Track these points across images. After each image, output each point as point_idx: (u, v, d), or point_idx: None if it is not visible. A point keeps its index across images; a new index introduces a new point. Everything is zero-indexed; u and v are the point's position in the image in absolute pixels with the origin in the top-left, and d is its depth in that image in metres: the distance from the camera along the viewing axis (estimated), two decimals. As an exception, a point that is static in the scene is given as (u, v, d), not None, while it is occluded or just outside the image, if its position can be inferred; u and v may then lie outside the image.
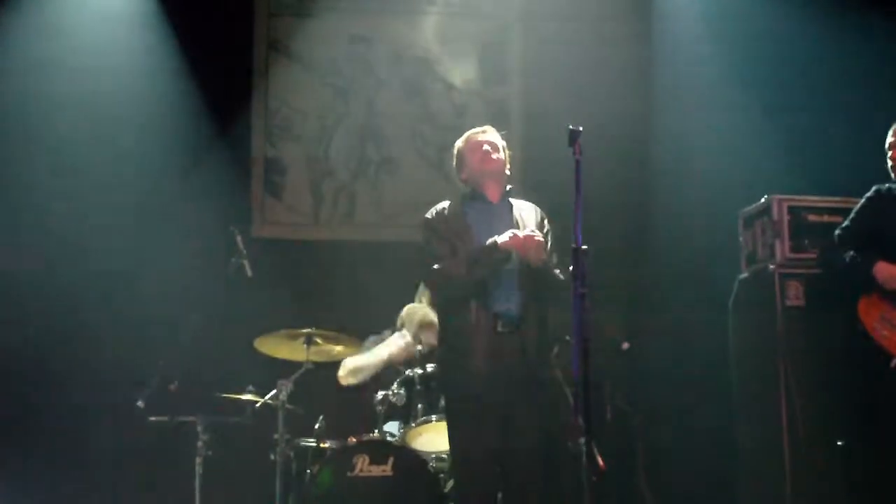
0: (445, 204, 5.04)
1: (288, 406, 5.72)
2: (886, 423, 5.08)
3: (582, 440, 4.10)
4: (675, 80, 7.31)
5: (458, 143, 5.11)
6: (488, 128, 5.10)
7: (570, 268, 4.15)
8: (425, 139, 7.72)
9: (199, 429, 5.86)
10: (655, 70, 7.50)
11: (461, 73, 7.83)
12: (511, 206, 5.00)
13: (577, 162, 4.25)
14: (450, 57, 7.82)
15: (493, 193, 4.98)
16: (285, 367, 5.87)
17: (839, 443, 5.37)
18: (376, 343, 6.42)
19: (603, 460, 4.88)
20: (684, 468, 6.60)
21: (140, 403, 5.77)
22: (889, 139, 5.16)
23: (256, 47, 7.62)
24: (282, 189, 7.57)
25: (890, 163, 5.14)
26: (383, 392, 5.91)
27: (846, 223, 5.25)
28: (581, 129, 4.25)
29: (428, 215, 5.02)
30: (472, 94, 7.81)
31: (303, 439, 5.82)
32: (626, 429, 6.56)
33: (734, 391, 5.98)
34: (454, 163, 5.13)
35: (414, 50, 7.79)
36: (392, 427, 5.95)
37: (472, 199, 5.00)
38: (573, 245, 4.15)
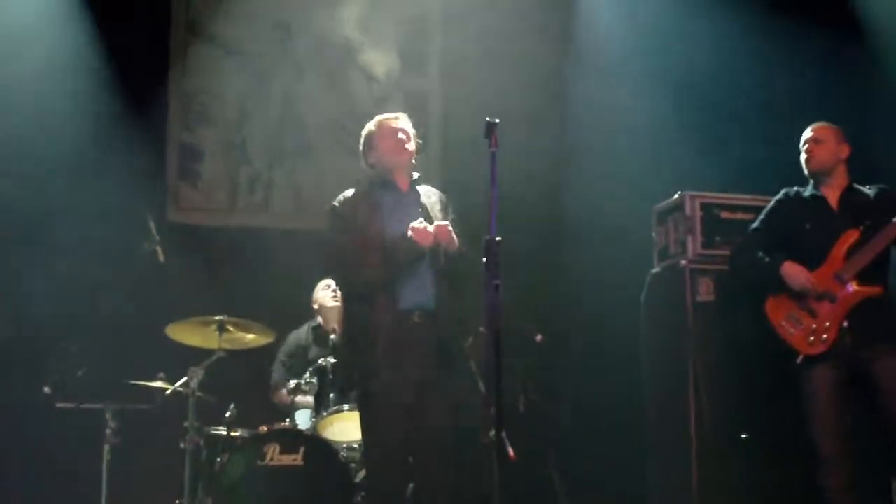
0: (351, 192, 4.99)
1: (199, 394, 5.66)
2: (790, 418, 5.17)
3: (492, 431, 4.11)
4: (593, 75, 7.36)
5: (370, 127, 5.05)
6: (401, 115, 5.07)
7: (484, 259, 4.16)
8: (344, 128, 7.67)
9: (108, 416, 5.78)
10: (573, 65, 7.55)
11: (382, 63, 7.80)
12: (419, 194, 4.99)
13: (493, 154, 4.26)
14: (371, 47, 7.79)
15: (402, 181, 4.98)
16: (197, 355, 5.80)
17: (743, 436, 5.46)
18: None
19: (513, 450, 4.93)
20: (595, 458, 6.67)
21: (46, 390, 5.68)
22: (803, 138, 5.24)
23: (174, 28, 7.50)
24: (197, 175, 7.46)
25: (804, 163, 5.22)
26: (295, 381, 5.88)
27: (755, 224, 5.33)
28: (497, 121, 4.27)
29: (335, 203, 4.96)
30: (392, 84, 7.79)
31: (213, 428, 5.76)
32: (537, 419, 6.60)
33: (645, 383, 6.04)
34: (362, 145, 5.06)
35: (335, 38, 7.74)
36: (304, 416, 5.93)
37: (382, 186, 4.97)
38: (487, 236, 4.16)
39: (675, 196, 5.92)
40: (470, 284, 4.67)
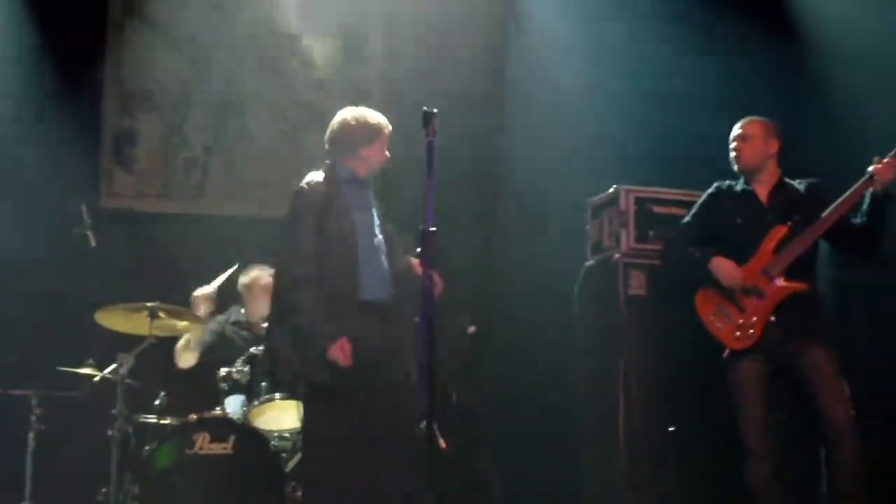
0: (319, 177, 4.96)
1: (128, 381, 5.59)
2: (718, 411, 5.23)
3: (424, 422, 4.12)
4: (532, 68, 7.37)
5: (378, 124, 5.01)
6: None
7: (418, 249, 4.16)
8: (284, 116, 7.62)
9: (33, 402, 5.70)
10: (512, 57, 7.56)
11: (322, 50, 7.74)
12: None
13: (430, 144, 4.26)
14: (312, 33, 7.73)
15: (366, 184, 5.04)
16: (127, 341, 5.73)
17: (671, 428, 5.51)
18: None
19: (445, 442, 4.93)
20: (527, 451, 6.69)
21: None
22: (732, 135, 5.28)
23: (111, 8, 7.37)
24: (132, 159, 7.35)
25: (733, 155, 5.27)
26: (227, 369, 5.84)
27: (687, 218, 5.37)
28: (435, 111, 4.27)
29: (304, 185, 4.93)
30: (332, 72, 7.73)
31: (142, 415, 5.70)
32: (471, 411, 6.61)
33: (576, 376, 6.08)
34: (358, 134, 4.97)
35: (276, 25, 7.66)
36: (235, 404, 5.89)
37: (350, 183, 4.96)
38: (422, 227, 4.15)
39: (611, 190, 5.95)
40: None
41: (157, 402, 5.73)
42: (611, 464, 5.58)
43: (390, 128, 5.06)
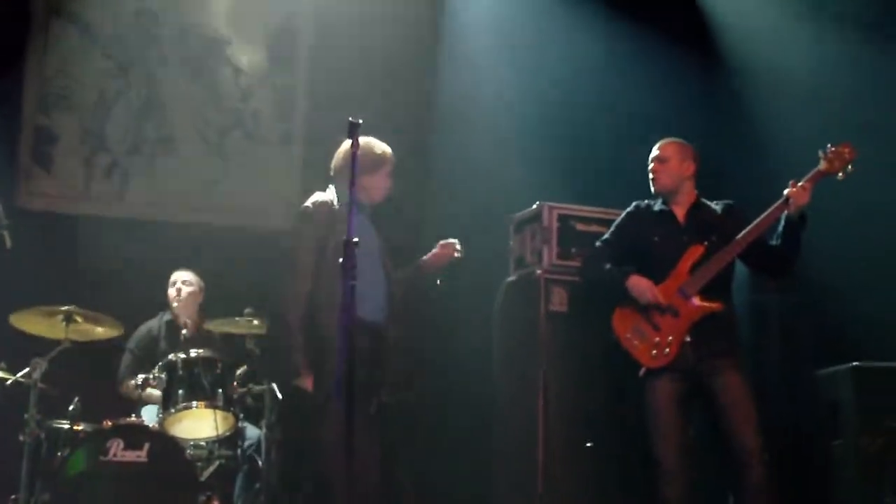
0: (326, 198, 5.08)
1: (41, 385, 5.50)
2: (634, 429, 5.29)
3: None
4: (459, 82, 7.41)
5: (381, 155, 5.17)
6: None
7: (341, 260, 4.16)
8: (207, 121, 7.57)
9: (-59, 405, 5.58)
10: (441, 70, 7.59)
11: (249, 56, 7.70)
12: None
13: (355, 154, 4.27)
14: (239, 40, 7.69)
15: (365, 208, 5.17)
16: (42, 345, 5.64)
17: (588, 444, 5.56)
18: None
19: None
20: (445, 462, 6.70)
21: None
22: (650, 157, 5.35)
23: (35, 8, 7.27)
24: (51, 160, 7.25)
25: (651, 177, 5.33)
26: (143, 375, 5.77)
27: (605, 236, 5.43)
28: (361, 121, 4.28)
29: (309, 205, 5.03)
30: (259, 79, 7.70)
31: (56, 421, 5.61)
32: (388, 421, 6.59)
33: (496, 390, 6.10)
34: (369, 160, 5.05)
35: (202, 29, 7.63)
36: (151, 412, 5.82)
37: (359, 209, 4.94)
38: (345, 237, 4.16)
39: (534, 206, 6.00)
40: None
41: (70, 408, 5.63)
42: (526, 478, 5.61)
43: (393, 158, 5.20)
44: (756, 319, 7.03)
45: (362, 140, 5.00)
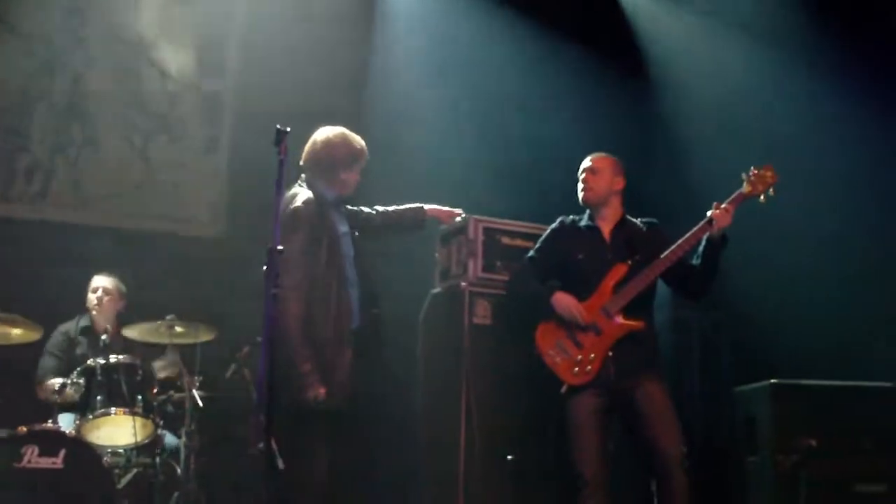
0: (311, 196, 4.91)
1: (-46, 390, 5.40)
2: (555, 442, 5.32)
3: (262, 441, 4.09)
4: (391, 91, 7.42)
5: (361, 149, 5.08)
6: None
7: (265, 267, 4.14)
8: (133, 124, 7.48)
9: None
10: (373, 78, 7.59)
11: (177, 61, 7.64)
12: None
13: (281, 162, 4.26)
14: (167, 43, 7.62)
15: (341, 205, 5.11)
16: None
17: (509, 457, 5.58)
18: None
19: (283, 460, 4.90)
20: (367, 471, 6.68)
21: None
22: (581, 168, 5.40)
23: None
24: (-30, 158, 7.12)
25: (580, 193, 5.38)
26: (61, 380, 5.69)
27: (531, 252, 5.46)
28: (288, 129, 4.27)
29: (300, 205, 4.83)
30: (186, 84, 7.63)
31: (-32, 426, 5.50)
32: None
33: (419, 401, 6.10)
34: (344, 156, 5.00)
35: (130, 32, 7.54)
36: (68, 419, 5.73)
37: (335, 206, 5.00)
38: (269, 245, 4.14)
39: (461, 219, 6.01)
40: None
41: (-16, 413, 5.53)
42: (447, 490, 5.61)
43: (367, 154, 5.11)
44: (677, 336, 7.13)
45: (339, 132, 5.03)
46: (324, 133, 5.06)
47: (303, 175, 5.05)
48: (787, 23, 6.96)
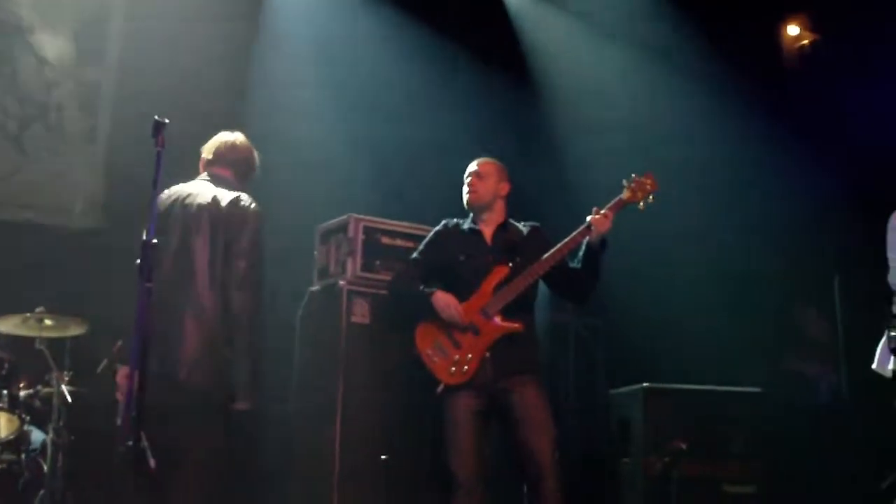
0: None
1: None
2: (430, 443, 5.33)
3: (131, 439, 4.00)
4: (273, 87, 7.35)
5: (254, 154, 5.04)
6: None
7: (138, 261, 4.05)
8: (7, 111, 7.26)
9: None
10: (255, 72, 7.50)
11: (55, 47, 7.43)
12: None
13: (159, 154, 4.17)
14: (45, 29, 7.40)
15: None
16: None
17: (383, 457, 5.57)
18: None
19: (154, 460, 4.80)
20: (243, 468, 6.60)
21: None
22: (467, 171, 5.41)
23: None
24: None
25: (465, 196, 5.39)
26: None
27: (415, 254, 5.45)
28: (167, 121, 4.18)
29: (256, 205, 4.81)
30: (64, 71, 7.43)
31: None
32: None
33: (294, 399, 6.06)
34: (253, 165, 5.05)
35: (6, 15, 7.31)
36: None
37: None
38: (144, 238, 4.05)
39: (342, 217, 5.99)
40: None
41: None
42: (321, 489, 5.58)
43: None
44: (555, 339, 7.22)
45: (243, 137, 4.97)
46: (236, 136, 5.05)
47: (211, 173, 4.95)
48: (655, 25, 7.12)
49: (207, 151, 4.99)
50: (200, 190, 4.79)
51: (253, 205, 4.79)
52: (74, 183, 7.34)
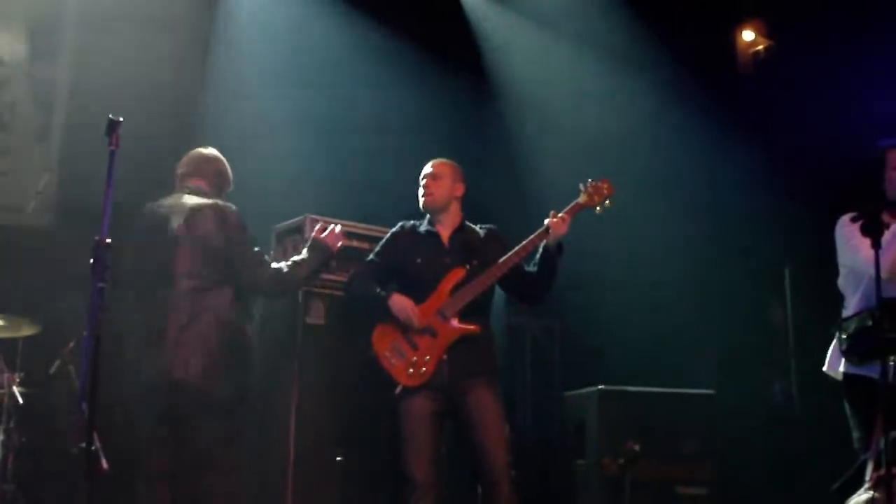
0: None
1: None
2: (386, 444, 5.32)
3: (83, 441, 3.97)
4: (229, 88, 7.31)
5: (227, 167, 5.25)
6: None
7: (91, 261, 4.01)
8: (-44, 109, 7.18)
9: None
10: (211, 74, 7.46)
11: (8, 44, 7.34)
12: None
13: (113, 153, 4.15)
14: (-4, 26, 7.33)
15: None
16: None
17: (338, 458, 5.56)
18: None
19: (107, 461, 4.75)
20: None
21: None
22: (422, 173, 5.41)
23: None
24: None
25: (421, 198, 5.39)
26: None
27: (371, 255, 5.44)
28: (121, 119, 4.16)
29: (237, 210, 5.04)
30: (17, 69, 7.34)
31: None
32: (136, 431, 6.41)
33: (249, 399, 6.02)
34: (228, 178, 5.24)
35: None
36: None
37: None
38: (97, 238, 4.02)
39: (298, 218, 5.96)
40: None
41: None
42: (276, 490, 5.56)
43: None
44: (511, 342, 7.23)
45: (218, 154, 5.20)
46: (209, 150, 5.26)
47: (187, 185, 5.08)
48: (612, 29, 7.17)
49: (183, 165, 5.15)
50: (182, 200, 4.96)
51: (232, 206, 5.01)
52: (26, 181, 7.25)
